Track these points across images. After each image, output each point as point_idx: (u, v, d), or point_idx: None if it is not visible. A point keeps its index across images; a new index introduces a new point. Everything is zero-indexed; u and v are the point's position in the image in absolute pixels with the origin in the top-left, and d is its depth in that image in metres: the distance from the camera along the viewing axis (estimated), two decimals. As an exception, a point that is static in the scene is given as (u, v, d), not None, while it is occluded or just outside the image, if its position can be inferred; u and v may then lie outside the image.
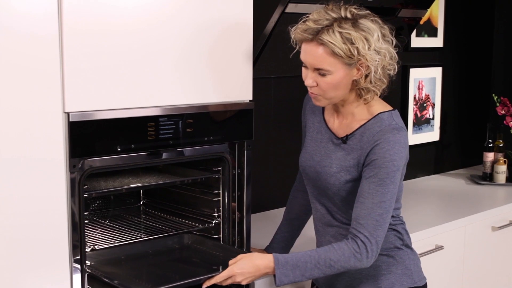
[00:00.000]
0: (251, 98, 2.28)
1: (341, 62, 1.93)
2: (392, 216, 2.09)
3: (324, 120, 2.15)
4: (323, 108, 2.17)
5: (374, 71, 1.95)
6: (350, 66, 1.94)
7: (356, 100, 2.05)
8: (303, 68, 2.02)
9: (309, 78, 1.98)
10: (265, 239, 2.45)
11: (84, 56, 1.87)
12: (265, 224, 2.82)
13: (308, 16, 1.97)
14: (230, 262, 2.01)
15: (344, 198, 2.06)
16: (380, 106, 2.06)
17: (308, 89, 2.02)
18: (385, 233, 2.00)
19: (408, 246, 2.18)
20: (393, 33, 2.01)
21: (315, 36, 1.92)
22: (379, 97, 2.07)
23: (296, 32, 1.98)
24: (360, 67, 1.95)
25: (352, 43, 1.90)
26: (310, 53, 1.95)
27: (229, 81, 2.21)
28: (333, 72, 1.94)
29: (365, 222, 1.96)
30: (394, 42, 2.01)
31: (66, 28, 1.82)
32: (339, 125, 2.10)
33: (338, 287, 2.17)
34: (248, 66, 2.25)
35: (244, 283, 2.00)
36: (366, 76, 1.97)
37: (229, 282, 2.00)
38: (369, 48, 1.91)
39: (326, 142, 2.11)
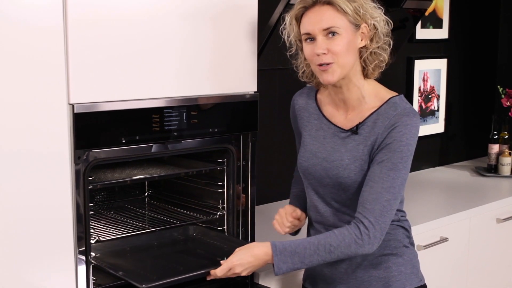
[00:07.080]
0: (255, 90, 2.27)
1: (348, 21, 1.92)
2: (399, 211, 2.06)
3: (324, 115, 2.09)
4: (318, 104, 2.11)
5: (376, 29, 1.94)
6: (356, 28, 1.93)
7: (360, 77, 2.00)
8: (307, 46, 1.96)
9: (319, 46, 1.92)
10: (269, 231, 2.44)
11: (89, 47, 1.86)
12: (269, 216, 2.81)
13: None
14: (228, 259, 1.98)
15: (357, 192, 1.98)
16: (387, 92, 2.04)
17: (318, 61, 1.94)
18: (391, 220, 1.95)
19: (413, 244, 2.14)
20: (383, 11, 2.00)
21: None
22: (377, 80, 2.05)
23: (295, 7, 1.96)
24: (363, 32, 1.94)
25: (354, 1, 1.91)
26: (317, 16, 1.92)
27: (234, 72, 2.20)
28: (342, 32, 1.91)
29: (372, 207, 1.90)
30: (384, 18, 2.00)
31: (71, 19, 1.82)
32: (345, 118, 2.04)
33: None
34: (253, 57, 2.24)
35: (244, 274, 1.97)
36: (371, 41, 1.96)
37: (230, 274, 1.96)
38: (369, 6, 1.94)
39: (330, 137, 2.04)
